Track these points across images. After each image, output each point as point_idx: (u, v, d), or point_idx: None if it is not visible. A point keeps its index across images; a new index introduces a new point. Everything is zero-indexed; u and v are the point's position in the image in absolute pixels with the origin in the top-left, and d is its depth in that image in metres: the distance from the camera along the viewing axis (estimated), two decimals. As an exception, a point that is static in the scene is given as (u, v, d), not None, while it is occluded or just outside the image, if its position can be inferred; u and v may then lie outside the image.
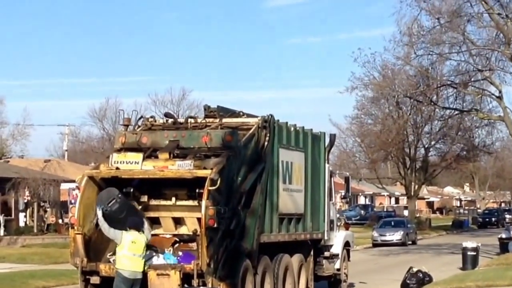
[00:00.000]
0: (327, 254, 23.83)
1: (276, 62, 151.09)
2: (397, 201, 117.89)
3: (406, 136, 71.16)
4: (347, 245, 25.75)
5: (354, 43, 70.99)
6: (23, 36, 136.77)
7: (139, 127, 20.03)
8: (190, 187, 18.14)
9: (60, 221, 52.36)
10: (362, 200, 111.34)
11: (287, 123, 20.68)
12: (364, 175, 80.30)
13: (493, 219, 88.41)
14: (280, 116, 20.00)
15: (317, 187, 22.72)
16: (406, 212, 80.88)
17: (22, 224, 51.88)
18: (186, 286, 17.43)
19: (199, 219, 17.52)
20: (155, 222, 19.02)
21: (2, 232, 48.57)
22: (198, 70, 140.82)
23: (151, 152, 18.64)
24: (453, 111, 58.55)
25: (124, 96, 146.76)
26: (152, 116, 20.77)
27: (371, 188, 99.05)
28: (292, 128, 21.02)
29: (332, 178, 24.64)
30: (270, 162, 19.31)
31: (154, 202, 18.81)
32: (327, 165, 23.71)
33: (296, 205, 21.16)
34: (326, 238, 23.57)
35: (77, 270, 18.16)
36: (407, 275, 26.40)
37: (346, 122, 72.03)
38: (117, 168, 18.30)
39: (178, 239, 18.91)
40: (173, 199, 18.61)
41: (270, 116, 19.49)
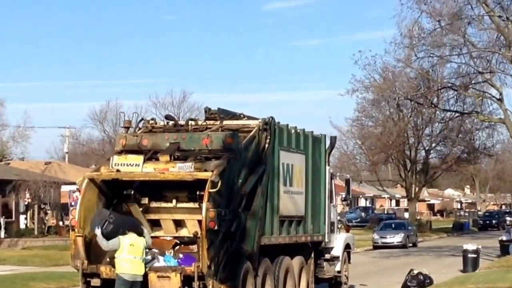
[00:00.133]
0: (327, 256, 23.83)
1: (276, 64, 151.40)
2: (397, 203, 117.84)
3: (406, 138, 71.14)
4: (347, 247, 25.75)
5: (354, 46, 71.15)
6: (23, 38, 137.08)
7: (140, 129, 20.02)
8: (190, 189, 18.12)
9: (60, 223, 52.40)
10: (362, 202, 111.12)
11: (287, 125, 20.66)
12: (364, 177, 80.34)
13: (493, 221, 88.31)
14: (280, 118, 20.05)
15: (317, 189, 22.70)
16: (406, 215, 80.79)
17: (22, 226, 51.89)
18: (186, 288, 17.43)
19: (199, 221, 17.51)
20: (155, 224, 19.04)
21: (2, 234, 48.56)
22: (199, 72, 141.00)
23: (151, 154, 18.62)
24: (453, 113, 58.40)
25: (125, 98, 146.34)
26: (152, 118, 20.77)
27: (372, 190, 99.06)
28: (293, 130, 20.99)
29: (332, 180, 24.64)
30: (270, 164, 19.30)
31: (154, 204, 18.81)
32: (327, 167, 23.69)
33: (297, 207, 21.14)
34: (326, 240, 23.56)
35: (77, 272, 18.15)
36: (407, 278, 26.42)
37: (347, 124, 72.17)
38: (117, 171, 18.28)
39: (178, 241, 18.90)
40: (173, 201, 18.61)
41: (271, 118, 19.48)
